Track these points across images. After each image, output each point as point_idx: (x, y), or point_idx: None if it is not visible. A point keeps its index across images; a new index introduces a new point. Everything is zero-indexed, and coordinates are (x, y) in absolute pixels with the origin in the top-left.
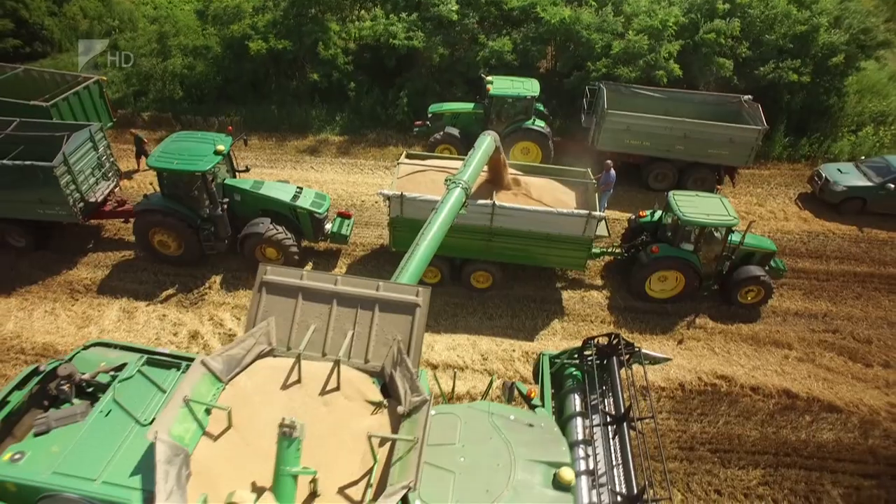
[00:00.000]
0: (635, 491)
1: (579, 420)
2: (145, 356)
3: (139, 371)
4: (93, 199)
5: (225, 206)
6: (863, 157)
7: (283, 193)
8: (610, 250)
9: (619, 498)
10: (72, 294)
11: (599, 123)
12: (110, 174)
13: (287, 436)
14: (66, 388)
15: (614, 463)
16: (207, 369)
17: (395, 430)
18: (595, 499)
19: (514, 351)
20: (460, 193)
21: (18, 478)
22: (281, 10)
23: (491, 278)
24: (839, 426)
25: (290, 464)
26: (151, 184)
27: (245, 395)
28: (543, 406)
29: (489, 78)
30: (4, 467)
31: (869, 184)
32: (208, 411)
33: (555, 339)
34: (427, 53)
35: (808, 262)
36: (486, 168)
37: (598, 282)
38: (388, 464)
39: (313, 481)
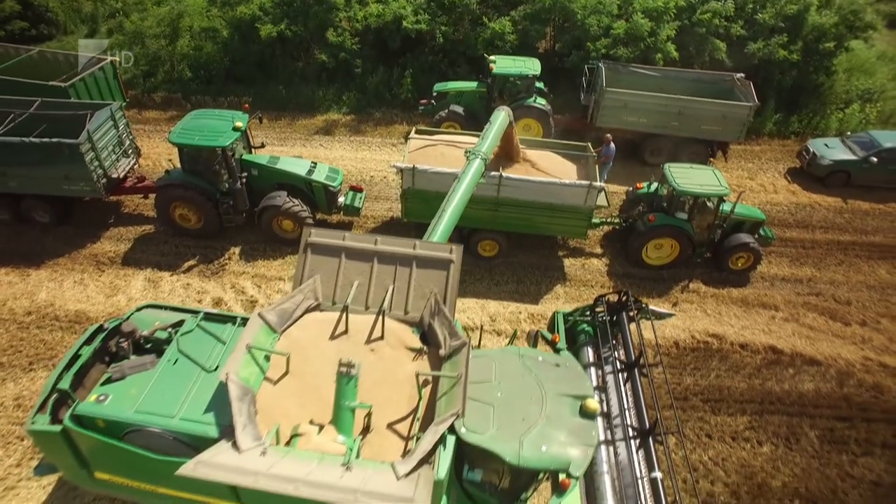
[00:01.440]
0: (647, 426)
1: (593, 370)
2: (202, 313)
3: (198, 326)
4: (115, 176)
5: (243, 181)
6: (849, 133)
7: (299, 168)
8: (609, 220)
9: (632, 432)
10: (98, 266)
11: (598, 101)
12: (129, 151)
13: (345, 374)
14: (124, 344)
15: (626, 406)
16: (264, 321)
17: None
18: (610, 437)
19: (520, 313)
20: (480, 164)
21: (107, 415)
22: None
23: (497, 247)
24: (818, 377)
25: (348, 398)
26: (170, 160)
27: (298, 345)
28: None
29: (492, 57)
30: (93, 407)
31: (853, 158)
32: (267, 358)
33: (558, 303)
34: (433, 31)
35: (795, 232)
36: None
37: (598, 250)
38: (431, 402)
39: (368, 415)
